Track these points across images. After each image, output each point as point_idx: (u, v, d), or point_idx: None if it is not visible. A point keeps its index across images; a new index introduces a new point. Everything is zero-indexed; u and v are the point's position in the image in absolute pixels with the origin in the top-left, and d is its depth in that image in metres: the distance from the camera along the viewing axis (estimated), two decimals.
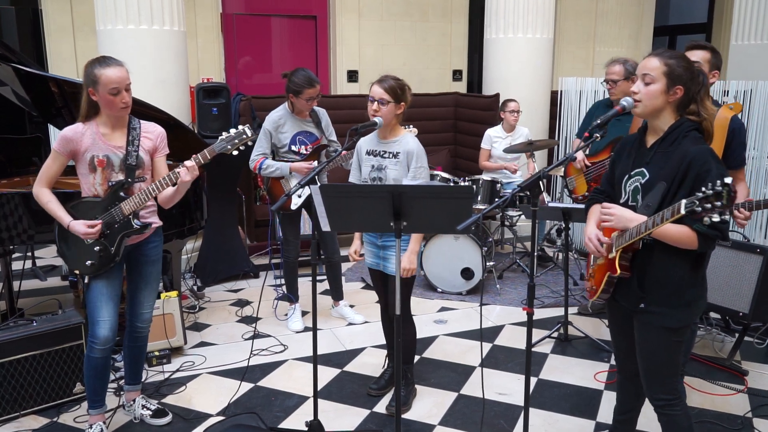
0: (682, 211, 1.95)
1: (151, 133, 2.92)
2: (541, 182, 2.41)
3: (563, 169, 4.54)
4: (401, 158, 3.12)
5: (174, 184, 2.79)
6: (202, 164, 2.79)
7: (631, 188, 2.32)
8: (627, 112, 2.29)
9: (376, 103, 3.06)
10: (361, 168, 3.24)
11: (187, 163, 2.76)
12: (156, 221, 2.99)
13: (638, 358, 2.39)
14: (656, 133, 2.28)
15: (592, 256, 2.54)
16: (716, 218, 1.90)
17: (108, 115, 2.78)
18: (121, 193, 2.80)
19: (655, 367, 2.34)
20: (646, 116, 2.28)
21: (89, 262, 2.81)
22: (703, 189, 1.89)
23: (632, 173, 2.32)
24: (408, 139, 3.16)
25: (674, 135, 2.22)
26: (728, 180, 1.85)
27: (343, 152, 3.02)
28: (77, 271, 2.86)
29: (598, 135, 2.36)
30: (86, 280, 2.85)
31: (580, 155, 4.24)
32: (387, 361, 3.57)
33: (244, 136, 2.81)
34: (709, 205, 1.87)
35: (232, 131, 2.82)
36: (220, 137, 2.82)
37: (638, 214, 2.21)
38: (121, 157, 2.81)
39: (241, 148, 2.84)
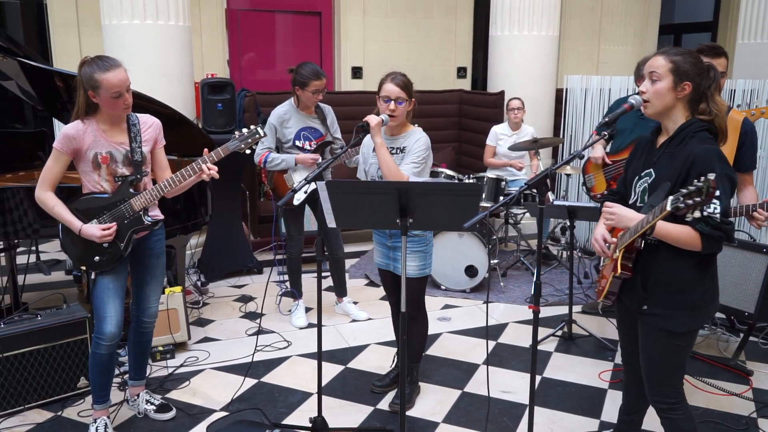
0: (668, 208, 1.94)
1: (150, 126, 2.92)
2: (547, 180, 2.40)
3: (582, 166, 4.50)
4: (407, 152, 3.09)
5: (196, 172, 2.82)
6: (215, 162, 2.82)
7: (640, 189, 2.31)
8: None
9: (393, 102, 2.97)
10: (367, 167, 3.19)
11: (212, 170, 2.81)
12: (159, 214, 3.00)
13: (641, 360, 2.38)
14: (667, 134, 2.26)
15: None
16: (697, 214, 1.89)
17: (108, 114, 2.75)
18: (131, 189, 2.81)
19: (656, 371, 2.32)
20: (657, 116, 2.25)
21: (97, 258, 2.80)
22: (689, 186, 1.89)
23: (642, 174, 2.31)
24: (415, 133, 3.11)
25: (682, 135, 2.19)
26: (711, 176, 1.85)
27: (349, 149, 2.99)
28: (84, 267, 2.85)
29: (606, 133, 2.34)
30: (93, 276, 2.84)
31: (600, 152, 4.17)
32: (395, 360, 3.53)
33: (257, 135, 2.89)
34: (691, 201, 1.87)
35: (245, 130, 2.89)
36: (233, 136, 2.88)
37: (640, 214, 2.19)
38: (123, 153, 2.80)
39: (253, 147, 2.94)
